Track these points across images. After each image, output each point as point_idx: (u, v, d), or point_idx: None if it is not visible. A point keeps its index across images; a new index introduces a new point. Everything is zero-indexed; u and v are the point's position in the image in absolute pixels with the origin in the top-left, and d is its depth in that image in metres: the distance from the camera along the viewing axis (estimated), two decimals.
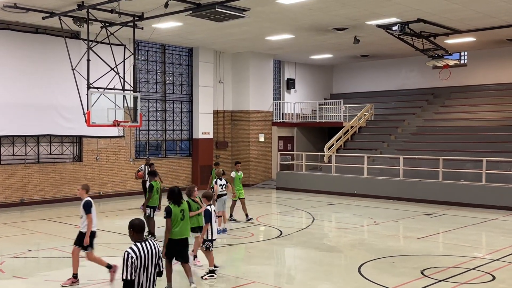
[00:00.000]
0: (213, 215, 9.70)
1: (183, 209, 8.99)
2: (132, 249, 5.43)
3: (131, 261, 5.36)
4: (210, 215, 9.58)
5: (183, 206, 9.04)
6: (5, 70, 18.73)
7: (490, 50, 25.33)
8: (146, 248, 5.49)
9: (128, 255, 5.39)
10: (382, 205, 19.65)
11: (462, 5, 16.34)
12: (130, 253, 5.39)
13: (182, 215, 8.94)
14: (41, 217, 16.96)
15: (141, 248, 5.47)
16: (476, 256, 11.67)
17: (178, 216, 8.86)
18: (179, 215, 8.88)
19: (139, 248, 5.45)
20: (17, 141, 19.50)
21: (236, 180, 15.96)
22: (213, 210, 9.81)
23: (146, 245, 5.52)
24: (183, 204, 9.05)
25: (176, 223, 8.83)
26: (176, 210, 8.88)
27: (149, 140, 23.90)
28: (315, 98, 30.31)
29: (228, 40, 22.76)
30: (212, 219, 9.65)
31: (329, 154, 24.42)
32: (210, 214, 9.59)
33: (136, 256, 5.39)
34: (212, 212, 9.69)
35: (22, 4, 16.20)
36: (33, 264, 11.11)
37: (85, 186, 9.69)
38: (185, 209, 9.05)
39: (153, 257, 5.53)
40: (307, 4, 16.14)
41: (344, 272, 10.63)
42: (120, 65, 17.73)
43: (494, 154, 20.14)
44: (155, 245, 5.61)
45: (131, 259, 5.36)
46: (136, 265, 5.37)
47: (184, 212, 8.99)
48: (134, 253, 5.41)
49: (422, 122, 25.69)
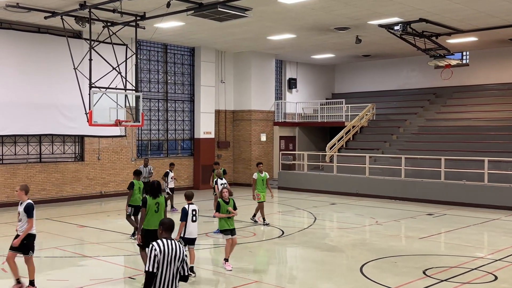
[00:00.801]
0: (189, 214, 9.72)
1: (158, 202, 9.49)
2: (158, 243, 5.51)
3: (155, 253, 5.43)
4: (186, 213, 9.69)
5: (159, 200, 9.54)
6: (7, 70, 18.75)
7: (492, 50, 25.29)
8: (171, 246, 5.54)
9: (152, 247, 5.48)
10: (384, 205, 19.64)
11: (464, 4, 16.32)
12: (155, 246, 5.47)
13: (157, 208, 9.46)
14: (43, 216, 16.96)
15: (166, 244, 5.52)
16: (478, 256, 11.67)
17: (152, 208, 9.42)
18: (153, 207, 9.43)
19: (164, 244, 5.51)
20: (19, 141, 19.53)
21: (258, 182, 15.23)
22: (192, 209, 9.79)
23: (172, 244, 5.57)
24: (159, 198, 9.54)
25: (150, 214, 9.38)
26: (151, 202, 9.43)
27: (151, 139, 23.92)
28: (316, 98, 30.30)
29: (230, 40, 22.76)
30: (188, 218, 9.70)
31: (331, 154, 24.41)
32: (186, 213, 9.69)
33: (160, 250, 5.45)
34: (189, 211, 9.72)
35: (24, 3, 16.22)
36: (35, 264, 11.10)
37: (24, 187, 9.21)
38: (160, 203, 9.53)
39: (177, 257, 5.54)
40: (309, 3, 16.13)
41: (346, 272, 10.63)
42: (122, 64, 17.74)
43: (496, 154, 20.12)
44: (181, 247, 5.64)
45: (154, 251, 5.44)
46: (159, 259, 5.42)
47: (159, 205, 9.49)
48: (158, 247, 5.47)
49: (424, 122, 25.67)
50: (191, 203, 9.91)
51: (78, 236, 13.80)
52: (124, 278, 10.07)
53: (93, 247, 12.74)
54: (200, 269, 10.67)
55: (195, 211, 9.81)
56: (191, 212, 9.76)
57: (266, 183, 15.48)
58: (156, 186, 9.62)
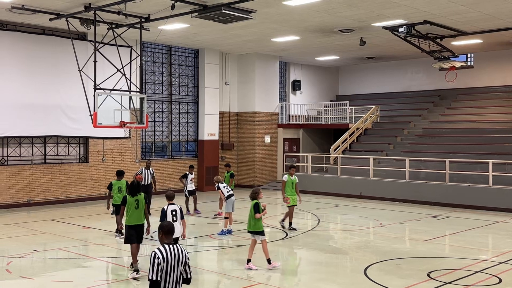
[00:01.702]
0: (168, 214, 9.99)
1: (137, 200, 10.20)
2: (159, 250, 5.43)
3: (158, 262, 5.36)
4: (165, 214, 9.99)
5: (138, 197, 10.23)
6: (12, 71, 18.83)
7: (497, 52, 25.24)
8: (173, 251, 5.46)
9: (154, 255, 5.39)
10: (388, 207, 19.62)
11: (469, 7, 16.30)
12: (157, 254, 5.39)
13: (137, 205, 10.18)
14: (47, 217, 17.02)
15: (168, 250, 5.45)
16: (483, 258, 11.63)
17: (132, 205, 10.15)
18: (133, 204, 10.16)
19: (166, 250, 5.44)
20: (24, 142, 19.59)
21: (288, 185, 14.63)
22: (171, 209, 10.07)
23: (174, 248, 5.49)
24: (138, 196, 10.24)
25: (130, 211, 10.15)
26: (130, 200, 10.19)
27: (155, 141, 23.96)
28: (320, 100, 30.29)
29: (234, 42, 22.79)
30: (168, 218, 9.96)
31: (335, 156, 24.39)
32: (165, 213, 9.98)
33: (162, 257, 5.38)
34: (167, 211, 10.00)
35: (30, 5, 16.29)
36: (39, 265, 11.15)
37: None
38: (139, 200, 10.23)
39: (179, 261, 5.48)
40: (313, 5, 16.14)
41: (350, 274, 10.62)
42: (127, 66, 17.79)
43: (501, 156, 20.07)
44: (183, 250, 5.57)
45: (157, 260, 5.36)
46: (162, 267, 5.36)
47: (138, 202, 10.20)
48: (160, 253, 5.40)
49: (428, 124, 25.62)
50: (172, 203, 10.22)
51: (82, 237, 13.83)
52: (127, 279, 10.08)
53: (98, 248, 12.77)
54: (204, 270, 10.68)
55: (174, 211, 10.10)
56: (170, 212, 10.05)
57: (296, 187, 14.88)
58: (135, 185, 10.33)
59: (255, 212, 10.49)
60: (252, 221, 10.57)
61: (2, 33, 18.61)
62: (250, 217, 10.62)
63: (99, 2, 15.68)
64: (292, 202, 14.63)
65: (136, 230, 10.17)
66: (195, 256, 12.06)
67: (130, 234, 10.18)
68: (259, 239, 10.63)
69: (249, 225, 10.68)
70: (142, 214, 10.28)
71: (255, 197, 10.66)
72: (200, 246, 13.34)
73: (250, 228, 10.67)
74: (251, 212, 10.56)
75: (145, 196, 10.56)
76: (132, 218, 10.17)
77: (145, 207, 10.39)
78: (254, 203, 10.59)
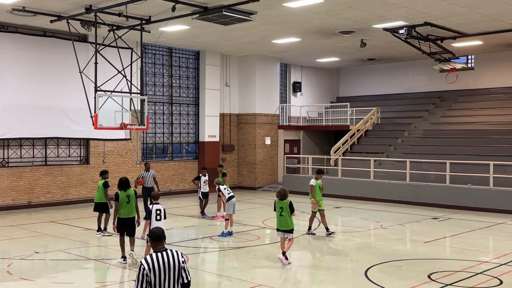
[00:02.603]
0: (153, 213, 10.42)
1: (128, 195, 11.12)
2: (146, 260, 5.21)
3: (143, 273, 5.15)
4: (150, 212, 10.45)
5: (129, 192, 11.16)
6: (13, 73, 18.85)
7: (497, 54, 25.25)
8: (163, 259, 5.23)
9: (139, 267, 5.20)
10: (389, 208, 19.61)
11: (470, 8, 16.31)
12: (143, 265, 5.18)
13: (128, 199, 11.11)
14: (48, 219, 17.03)
15: (155, 258, 5.22)
16: (483, 260, 11.62)
17: (124, 200, 11.09)
18: (124, 199, 11.09)
19: (153, 259, 5.21)
20: (25, 144, 19.61)
21: (316, 189, 14.44)
22: (156, 209, 10.48)
23: (163, 256, 5.25)
24: (128, 191, 11.16)
25: (122, 205, 11.06)
26: (122, 195, 11.11)
27: (156, 143, 23.97)
28: (321, 101, 30.30)
29: (234, 43, 22.81)
30: (152, 216, 10.40)
31: (335, 158, 24.39)
32: (150, 212, 10.45)
33: (148, 268, 5.16)
34: (152, 210, 10.46)
35: (31, 7, 16.31)
36: (40, 266, 11.15)
37: None
38: (130, 195, 11.14)
39: (171, 268, 5.23)
40: (314, 7, 16.15)
41: (351, 275, 10.61)
42: (127, 68, 17.80)
43: (502, 158, 20.05)
44: (175, 256, 5.31)
45: (143, 271, 5.15)
46: (149, 277, 5.14)
47: (129, 197, 11.11)
48: (147, 264, 5.17)
49: (429, 125, 25.62)
50: (157, 203, 10.67)
51: (83, 239, 13.83)
52: (128, 281, 10.09)
53: (98, 250, 12.77)
54: (205, 272, 10.68)
55: (159, 211, 10.51)
56: (155, 211, 10.46)
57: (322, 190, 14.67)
58: (124, 181, 11.28)
59: (291, 211, 11.00)
60: (289, 219, 11.04)
61: (3, 35, 18.64)
62: (286, 216, 11.03)
63: (100, 4, 15.70)
64: (323, 206, 14.45)
65: (127, 223, 11.11)
66: (196, 258, 12.07)
67: (121, 226, 11.12)
68: (290, 236, 11.13)
69: (280, 223, 11.14)
70: (133, 208, 11.20)
71: (285, 197, 11.12)
72: (201, 247, 13.34)
73: (284, 227, 11.11)
74: (287, 212, 10.99)
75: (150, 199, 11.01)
76: (123, 212, 11.09)
77: (136, 201, 11.25)
78: (289, 202, 11.04)
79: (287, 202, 11.05)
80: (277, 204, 11.20)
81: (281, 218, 11.10)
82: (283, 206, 11.05)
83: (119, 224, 11.13)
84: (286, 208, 11.00)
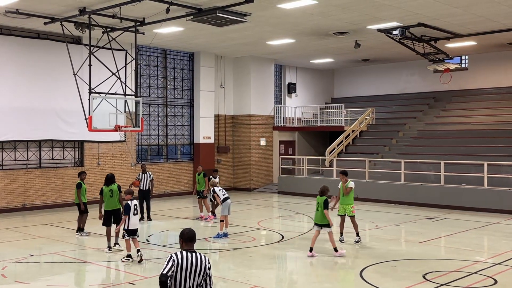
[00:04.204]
0: (131, 209, 11.22)
1: (111, 189, 12.45)
2: (176, 254, 5.40)
3: (172, 263, 5.34)
4: (129, 208, 11.23)
5: (112, 187, 12.47)
6: (7, 75, 18.79)
7: (491, 54, 25.35)
8: (191, 259, 5.41)
9: (170, 257, 5.39)
10: (384, 209, 19.65)
11: (463, 9, 16.37)
12: (173, 257, 5.38)
13: (111, 194, 12.45)
14: (43, 222, 16.97)
15: (185, 256, 5.40)
16: (478, 260, 11.66)
17: (107, 194, 12.47)
18: (108, 193, 12.46)
19: (183, 256, 5.39)
20: (19, 146, 19.54)
21: (340, 191, 13.60)
22: (134, 204, 11.35)
23: (192, 257, 5.43)
24: (111, 186, 12.47)
25: (106, 199, 12.46)
26: (106, 190, 12.49)
27: (151, 144, 23.94)
28: (316, 102, 30.34)
29: (229, 45, 22.81)
30: (131, 212, 11.21)
31: (331, 158, 24.43)
32: (129, 208, 11.23)
33: (177, 262, 5.35)
34: (131, 206, 11.25)
35: (24, 9, 16.27)
36: (35, 269, 11.11)
37: None
38: (113, 190, 12.44)
39: (197, 270, 5.40)
40: (308, 8, 16.18)
41: (346, 276, 10.63)
42: (122, 70, 17.77)
43: (496, 158, 20.13)
44: (203, 259, 5.47)
45: (172, 261, 5.34)
46: (174, 270, 5.32)
47: (112, 192, 12.43)
48: (176, 257, 5.37)
49: (423, 126, 25.69)
50: (133, 199, 11.46)
51: (78, 242, 13.79)
52: (124, 283, 10.07)
53: (93, 252, 12.74)
54: None
55: (136, 206, 11.46)
56: (133, 206, 11.32)
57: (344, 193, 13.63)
58: (109, 177, 12.59)
59: (325, 208, 11.72)
60: (321, 215, 11.80)
61: None
62: (320, 211, 11.82)
63: (93, 6, 15.68)
64: (341, 211, 13.55)
65: (113, 214, 12.46)
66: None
67: (106, 219, 12.48)
68: (326, 231, 11.84)
69: (316, 217, 12.05)
70: (116, 201, 12.47)
71: (323, 193, 11.89)
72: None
73: (318, 221, 11.95)
74: (320, 207, 11.79)
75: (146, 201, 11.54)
76: (108, 204, 12.48)
77: (119, 195, 12.44)
78: (324, 199, 11.80)
79: (323, 198, 11.84)
80: (317, 200, 12.05)
81: (317, 213, 12.01)
82: (319, 202, 11.89)
83: (105, 216, 12.46)
84: (321, 204, 11.81)
